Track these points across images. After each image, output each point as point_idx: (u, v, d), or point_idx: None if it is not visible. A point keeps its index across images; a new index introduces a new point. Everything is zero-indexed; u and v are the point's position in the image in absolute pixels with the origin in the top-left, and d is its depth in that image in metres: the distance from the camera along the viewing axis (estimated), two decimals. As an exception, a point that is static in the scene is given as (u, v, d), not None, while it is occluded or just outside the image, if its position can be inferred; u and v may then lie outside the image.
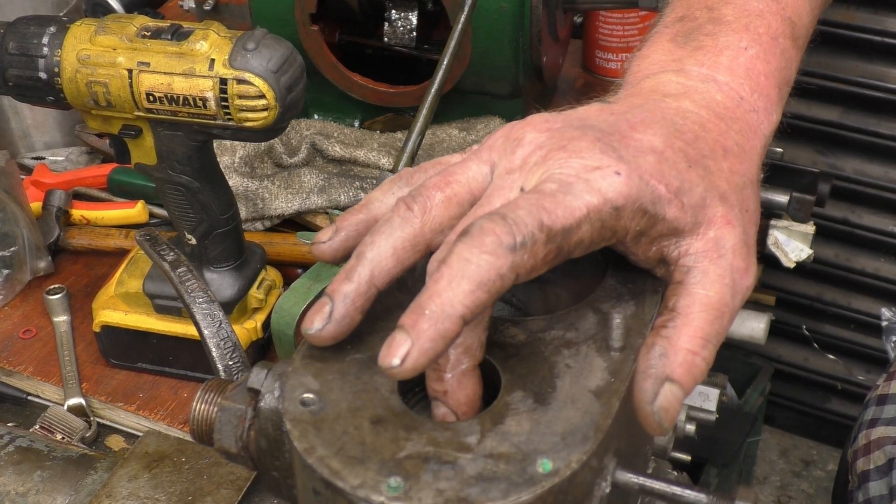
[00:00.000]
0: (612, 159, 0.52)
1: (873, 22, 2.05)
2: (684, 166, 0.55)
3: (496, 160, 0.55)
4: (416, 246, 0.54)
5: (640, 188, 0.52)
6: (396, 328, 0.48)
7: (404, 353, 0.47)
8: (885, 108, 2.10)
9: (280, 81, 0.85)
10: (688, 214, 0.54)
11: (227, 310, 0.98)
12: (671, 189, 0.53)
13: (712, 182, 0.56)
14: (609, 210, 0.51)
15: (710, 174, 0.56)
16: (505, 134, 0.56)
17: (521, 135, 0.55)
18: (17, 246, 1.12)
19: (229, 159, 1.19)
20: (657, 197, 0.53)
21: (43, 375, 1.04)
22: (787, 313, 2.37)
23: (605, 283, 0.58)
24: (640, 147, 0.54)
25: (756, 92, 0.63)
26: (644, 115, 0.57)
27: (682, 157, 0.55)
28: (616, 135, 0.55)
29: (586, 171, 0.52)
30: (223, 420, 0.57)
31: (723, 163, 0.57)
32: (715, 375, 2.09)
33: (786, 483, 2.56)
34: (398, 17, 1.24)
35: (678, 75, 0.62)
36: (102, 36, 0.87)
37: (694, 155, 0.56)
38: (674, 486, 0.51)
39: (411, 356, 0.47)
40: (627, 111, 0.58)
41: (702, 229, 0.55)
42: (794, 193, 1.74)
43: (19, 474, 0.76)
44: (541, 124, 0.56)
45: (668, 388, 0.51)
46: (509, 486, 0.46)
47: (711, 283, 0.54)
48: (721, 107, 0.60)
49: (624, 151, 0.53)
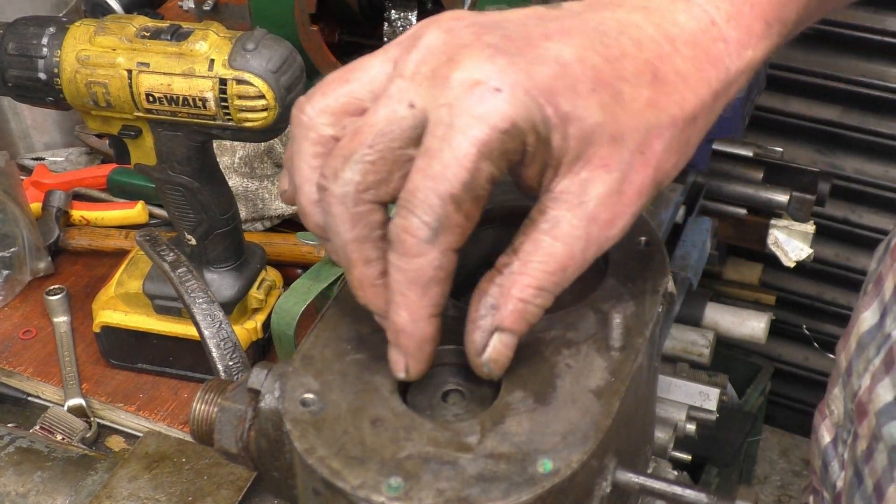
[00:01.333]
0: (496, 69, 0.48)
1: (873, 21, 2.05)
2: (586, 88, 0.50)
3: (397, 58, 0.52)
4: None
5: (525, 105, 0.48)
6: (389, 344, 0.52)
7: (404, 365, 0.51)
8: (884, 107, 2.10)
9: (280, 82, 0.85)
10: (569, 146, 0.50)
11: (227, 310, 0.98)
12: (558, 113, 0.49)
13: (614, 114, 0.51)
14: (497, 136, 0.48)
15: (619, 102, 0.51)
16: (413, 30, 0.53)
17: (422, 32, 0.52)
18: (17, 247, 1.12)
19: (229, 159, 1.19)
20: (545, 118, 0.49)
21: (43, 376, 1.04)
22: (787, 313, 2.37)
23: (605, 283, 0.58)
24: (542, 56, 0.50)
25: (734, 19, 0.56)
26: (573, 22, 0.53)
27: (591, 76, 0.50)
28: (521, 40, 0.51)
29: (464, 90, 0.48)
30: (223, 420, 0.57)
31: (643, 90, 0.52)
32: (715, 375, 2.10)
33: (786, 483, 2.56)
34: (398, 17, 1.24)
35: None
36: (102, 36, 0.87)
37: (609, 75, 0.51)
38: (674, 485, 0.51)
39: (411, 367, 0.51)
40: (558, 18, 0.53)
41: (577, 167, 0.51)
42: (794, 193, 1.75)
43: (19, 475, 0.76)
44: (446, 23, 0.52)
45: (498, 337, 0.51)
46: (510, 486, 0.46)
47: (561, 233, 0.51)
48: (678, 28, 0.54)
49: (518, 59, 0.49)
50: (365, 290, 0.52)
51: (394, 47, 0.53)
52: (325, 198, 0.51)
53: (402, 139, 0.50)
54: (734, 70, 0.56)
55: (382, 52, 0.53)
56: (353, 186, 0.50)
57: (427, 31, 0.52)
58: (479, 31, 0.51)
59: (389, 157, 0.50)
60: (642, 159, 0.52)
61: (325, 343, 0.55)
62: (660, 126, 0.52)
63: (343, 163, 0.50)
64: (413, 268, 0.49)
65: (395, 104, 0.50)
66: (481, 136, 0.48)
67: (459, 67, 0.49)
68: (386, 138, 0.50)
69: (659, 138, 0.52)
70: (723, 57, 0.55)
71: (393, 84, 0.51)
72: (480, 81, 0.48)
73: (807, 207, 1.74)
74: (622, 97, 0.51)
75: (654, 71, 0.52)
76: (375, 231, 0.51)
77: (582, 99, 0.50)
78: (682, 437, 1.74)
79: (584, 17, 0.53)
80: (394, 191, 0.51)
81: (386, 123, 0.50)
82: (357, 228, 0.51)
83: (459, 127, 0.48)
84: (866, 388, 0.81)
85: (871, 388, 0.80)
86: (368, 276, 0.52)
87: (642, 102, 0.52)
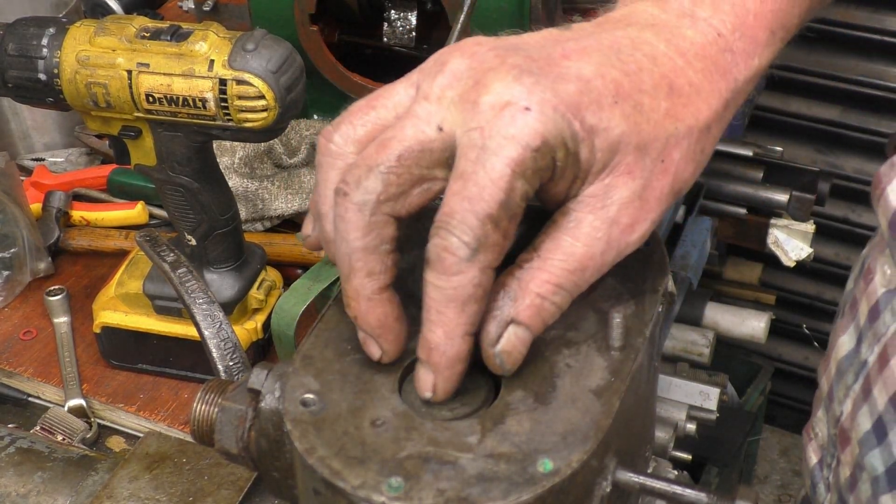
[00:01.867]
0: (524, 89, 0.50)
1: (873, 21, 2.05)
2: (609, 101, 0.52)
3: (420, 82, 0.54)
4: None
5: (555, 122, 0.50)
6: (417, 362, 0.51)
7: (432, 384, 0.51)
8: (884, 106, 2.10)
9: (279, 82, 0.85)
10: (596, 158, 0.51)
11: (228, 310, 0.98)
12: (584, 127, 0.51)
13: (636, 124, 0.52)
14: (530, 155, 0.49)
15: (639, 113, 0.53)
16: (435, 56, 0.54)
17: (446, 59, 0.53)
18: (17, 247, 1.12)
19: (229, 160, 1.19)
20: (573, 133, 0.50)
21: (43, 377, 1.04)
22: (787, 312, 2.37)
23: (605, 283, 0.58)
24: (563, 74, 0.51)
25: (738, 31, 0.58)
26: (589, 42, 0.54)
27: (612, 89, 0.52)
28: (542, 61, 0.52)
29: (495, 112, 0.50)
30: (224, 421, 0.57)
31: (662, 102, 0.54)
32: (715, 375, 2.10)
33: (786, 482, 2.56)
34: (398, 17, 1.24)
35: (655, 6, 0.58)
36: (102, 37, 0.87)
37: (628, 88, 0.53)
38: (674, 485, 0.51)
39: (440, 387, 0.51)
40: (574, 38, 0.55)
41: (602, 175, 0.52)
42: (794, 192, 1.75)
43: (20, 475, 0.76)
44: (469, 48, 0.53)
45: (513, 330, 0.51)
46: (510, 486, 0.46)
47: (583, 234, 0.52)
48: (687, 42, 0.56)
49: (543, 78, 0.51)
50: (359, 302, 0.52)
51: (417, 73, 0.54)
52: (341, 203, 0.51)
53: (430, 160, 0.51)
54: (742, 79, 0.58)
55: (405, 79, 0.55)
56: (374, 196, 0.51)
57: (451, 56, 0.53)
58: (502, 54, 0.52)
59: (415, 173, 0.51)
60: (662, 167, 0.54)
61: (326, 343, 0.55)
62: (678, 136, 0.54)
63: (367, 172, 0.51)
64: (452, 286, 0.49)
65: (424, 125, 0.51)
66: (515, 155, 0.49)
67: (488, 91, 0.50)
68: (414, 155, 0.51)
69: (677, 148, 0.54)
70: (731, 67, 0.57)
71: (420, 106, 0.52)
72: (510, 102, 0.50)
73: (807, 207, 1.75)
74: (643, 108, 0.53)
75: (669, 84, 0.54)
76: (385, 244, 0.52)
77: (606, 111, 0.52)
78: (682, 436, 1.74)
79: (598, 36, 0.55)
80: (409, 207, 0.52)
81: (416, 142, 0.51)
82: (368, 238, 0.51)
83: (493, 149, 0.49)
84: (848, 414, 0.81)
85: (852, 415, 0.80)
86: (367, 288, 0.52)
87: (661, 113, 0.53)
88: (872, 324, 0.79)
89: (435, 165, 0.51)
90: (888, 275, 0.78)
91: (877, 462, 0.76)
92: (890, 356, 0.75)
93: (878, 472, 0.76)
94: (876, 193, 0.77)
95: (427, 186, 0.52)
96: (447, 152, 0.51)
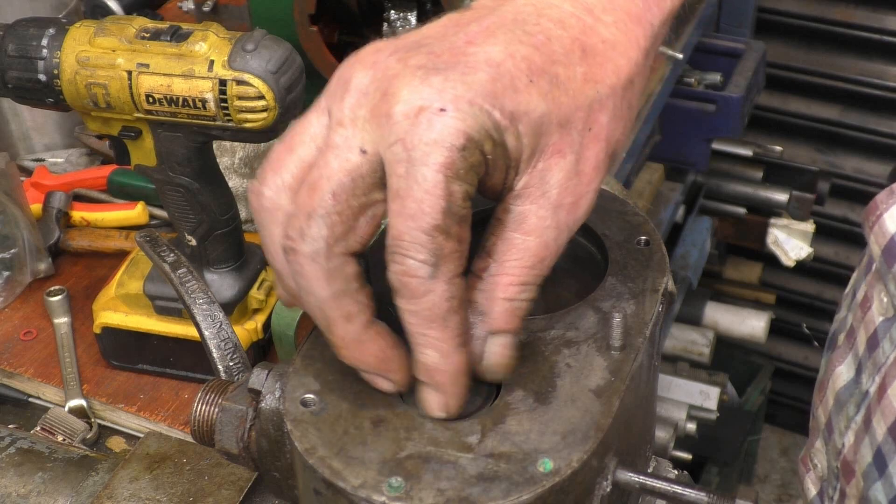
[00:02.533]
0: (433, 90, 0.48)
1: (872, 20, 2.05)
2: (524, 81, 0.50)
3: (330, 107, 0.52)
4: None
5: (474, 116, 0.48)
6: (421, 384, 0.51)
7: (442, 404, 0.51)
8: (884, 106, 2.11)
9: (279, 82, 0.85)
10: (523, 143, 0.50)
11: (228, 311, 0.98)
12: (505, 114, 0.49)
13: (555, 99, 0.51)
14: (458, 155, 0.48)
15: (556, 87, 0.51)
16: (338, 74, 0.52)
17: (349, 75, 0.51)
18: (18, 248, 1.12)
19: (229, 160, 1.19)
20: (495, 123, 0.49)
21: (44, 377, 1.04)
22: (787, 312, 2.37)
23: (605, 283, 0.58)
24: (471, 63, 0.49)
25: None
26: (491, 20, 0.52)
27: (524, 68, 0.50)
28: (446, 53, 0.50)
29: (410, 121, 0.48)
30: (224, 421, 0.57)
31: (577, 68, 0.52)
32: (715, 374, 2.10)
33: (786, 481, 2.56)
34: (397, 17, 1.25)
35: None
36: (102, 38, 0.87)
37: (540, 62, 0.51)
38: (675, 484, 0.51)
39: (450, 404, 0.51)
40: (474, 19, 0.52)
41: (533, 160, 0.51)
42: (794, 192, 1.75)
43: (20, 476, 0.76)
44: (369, 57, 0.51)
45: (494, 340, 0.51)
46: (510, 486, 0.46)
47: (531, 228, 0.51)
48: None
49: (451, 73, 0.49)
50: (350, 350, 0.51)
51: (325, 98, 0.52)
52: (294, 260, 0.50)
53: (364, 186, 0.49)
54: (657, 23, 0.56)
55: (315, 108, 0.53)
56: (322, 242, 0.49)
57: (352, 72, 0.51)
58: (403, 56, 0.50)
59: (355, 204, 0.49)
60: (591, 136, 0.52)
61: (326, 343, 0.55)
62: (600, 99, 0.52)
63: (308, 220, 0.49)
64: (425, 307, 0.48)
65: (346, 153, 0.49)
66: (442, 160, 0.48)
67: (397, 100, 0.49)
68: (347, 188, 0.49)
69: (602, 111, 0.53)
70: (644, 14, 0.55)
71: (336, 134, 0.50)
72: (423, 107, 0.48)
73: (806, 206, 1.75)
74: (559, 80, 0.51)
75: (581, 46, 0.52)
76: (352, 283, 0.50)
77: (523, 94, 0.50)
78: (682, 436, 1.74)
79: (500, 11, 0.53)
80: (361, 239, 0.50)
81: (344, 174, 0.49)
82: (334, 284, 0.50)
83: (419, 159, 0.48)
84: (850, 446, 0.80)
85: (855, 448, 0.79)
86: (351, 333, 0.51)
87: (579, 80, 0.52)
88: (872, 353, 0.78)
89: (371, 190, 0.49)
90: (885, 303, 0.77)
91: (880, 496, 0.75)
92: (888, 385, 0.74)
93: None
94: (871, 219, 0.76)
95: (371, 213, 0.50)
96: (378, 173, 0.49)
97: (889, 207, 0.74)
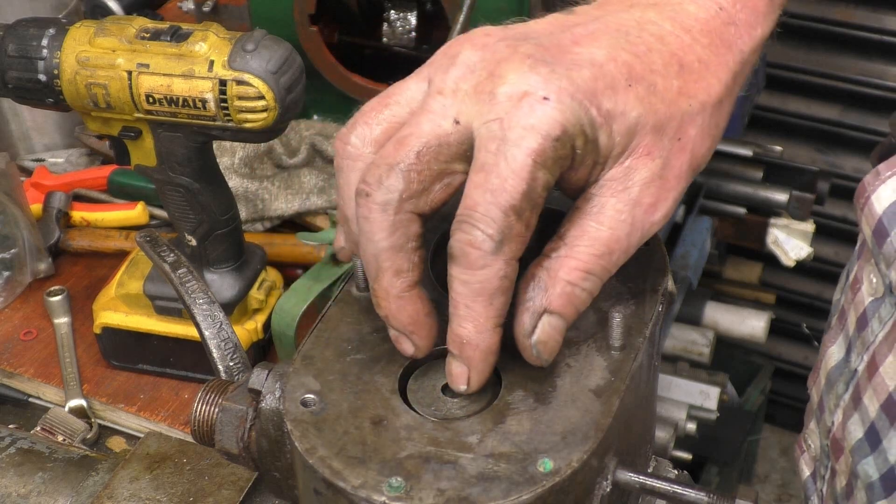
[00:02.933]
0: (540, 79, 0.50)
1: (872, 20, 2.05)
2: (623, 84, 0.52)
3: (432, 76, 0.54)
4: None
5: (573, 110, 0.50)
6: (449, 354, 0.52)
7: (466, 377, 0.51)
8: (884, 105, 2.10)
9: (279, 82, 0.85)
10: (615, 142, 0.52)
11: (228, 311, 0.98)
12: (602, 112, 0.51)
13: (651, 105, 0.53)
14: (551, 144, 0.49)
15: (654, 94, 0.53)
16: (444, 50, 0.55)
17: (457, 51, 0.53)
18: (18, 248, 1.12)
19: (229, 160, 1.19)
20: (591, 120, 0.50)
21: (44, 377, 1.04)
22: (787, 312, 2.37)
23: (605, 283, 0.58)
24: (577, 61, 0.52)
25: (739, 2, 0.58)
26: (596, 26, 0.54)
27: (625, 72, 0.52)
28: (554, 48, 0.52)
29: (513, 103, 0.50)
30: (224, 421, 0.57)
31: (674, 81, 0.54)
32: (715, 374, 2.10)
33: (786, 481, 2.56)
34: (397, 17, 1.25)
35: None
36: (102, 38, 0.87)
37: (640, 70, 0.53)
38: (675, 484, 0.51)
39: (474, 379, 0.51)
40: (580, 23, 0.55)
41: (622, 158, 0.52)
42: (794, 192, 1.75)
43: (21, 476, 0.76)
44: (479, 39, 0.54)
45: (547, 320, 0.51)
46: (510, 486, 0.46)
47: (607, 218, 0.52)
48: (691, 19, 0.57)
49: (558, 66, 0.51)
50: (389, 302, 0.52)
51: (427, 68, 0.54)
52: (364, 204, 0.51)
53: (449, 154, 0.51)
54: (747, 50, 0.58)
55: (416, 75, 0.55)
56: (396, 194, 0.51)
57: (462, 48, 0.53)
58: (513, 44, 0.52)
59: (435, 168, 0.51)
60: (679, 146, 0.54)
61: (326, 343, 0.55)
62: (692, 113, 0.54)
63: (388, 170, 0.51)
64: (478, 280, 0.49)
65: (440, 119, 0.51)
66: (535, 146, 0.49)
67: (504, 81, 0.50)
68: (433, 151, 0.51)
69: (692, 124, 0.55)
70: (735, 40, 0.58)
71: (434, 100, 0.52)
72: (528, 92, 0.50)
73: (806, 206, 1.75)
74: (656, 88, 0.53)
75: (679, 61, 0.55)
76: (411, 242, 0.52)
77: (621, 95, 0.52)
78: (682, 436, 1.74)
79: (604, 19, 0.55)
80: (432, 203, 0.52)
81: (433, 137, 0.51)
82: (395, 236, 0.51)
83: (513, 140, 0.49)
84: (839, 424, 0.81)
85: (843, 425, 0.80)
86: (397, 288, 0.52)
87: (674, 92, 0.54)
88: (861, 332, 0.79)
89: (454, 159, 0.51)
90: (874, 283, 0.78)
91: (871, 469, 0.76)
92: (879, 363, 0.75)
93: (873, 479, 0.76)
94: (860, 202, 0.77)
95: (448, 181, 0.52)
96: (465, 145, 0.51)
97: (875, 189, 0.75)
